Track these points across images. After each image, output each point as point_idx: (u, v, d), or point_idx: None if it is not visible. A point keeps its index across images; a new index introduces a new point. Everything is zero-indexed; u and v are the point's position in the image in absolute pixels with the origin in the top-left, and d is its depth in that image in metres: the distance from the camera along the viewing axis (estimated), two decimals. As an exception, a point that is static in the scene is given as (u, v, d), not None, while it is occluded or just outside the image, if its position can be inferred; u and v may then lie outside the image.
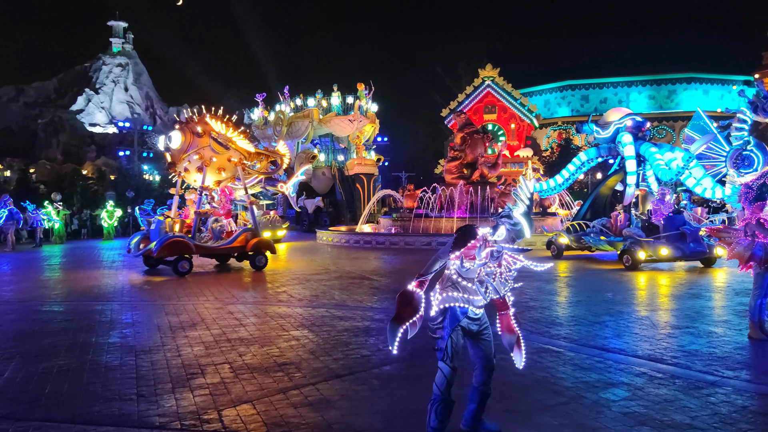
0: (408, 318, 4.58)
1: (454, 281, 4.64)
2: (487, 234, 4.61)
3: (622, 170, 21.21)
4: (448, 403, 4.65)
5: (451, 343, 4.64)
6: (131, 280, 15.67)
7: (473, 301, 4.65)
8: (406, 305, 4.61)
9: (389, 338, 4.58)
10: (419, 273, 4.66)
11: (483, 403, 4.91)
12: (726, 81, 56.97)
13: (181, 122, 17.67)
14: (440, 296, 4.64)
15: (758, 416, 5.44)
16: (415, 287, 4.63)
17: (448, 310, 4.63)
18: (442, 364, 4.67)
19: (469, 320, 4.71)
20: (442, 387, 4.64)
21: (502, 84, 49.83)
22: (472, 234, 4.56)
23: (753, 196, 8.14)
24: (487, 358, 4.87)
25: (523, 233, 4.65)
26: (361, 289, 13.54)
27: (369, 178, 42.46)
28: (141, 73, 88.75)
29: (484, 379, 4.87)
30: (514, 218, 4.62)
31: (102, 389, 6.41)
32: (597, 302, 11.41)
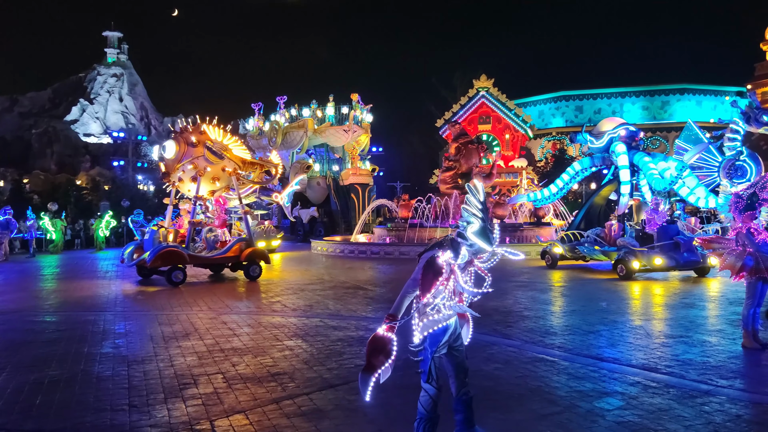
0: (380, 366, 4.39)
1: (437, 307, 4.55)
2: (450, 259, 4.44)
3: (615, 180, 21.28)
4: (435, 420, 4.61)
5: (434, 365, 4.58)
6: (124, 290, 15.60)
7: (452, 315, 4.62)
8: (377, 353, 4.40)
9: (361, 388, 4.41)
10: (389, 314, 4.47)
11: (470, 409, 4.85)
12: (719, 92, 57.45)
13: (176, 132, 17.65)
14: (421, 323, 4.50)
15: (752, 425, 5.43)
16: (386, 332, 4.43)
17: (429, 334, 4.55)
18: (427, 385, 4.59)
19: (449, 335, 4.64)
20: (428, 407, 4.58)
21: (497, 95, 50.06)
22: (437, 272, 4.40)
23: (743, 206, 8.17)
24: (461, 365, 4.80)
25: (483, 249, 4.44)
26: (356, 298, 13.51)
27: (364, 188, 42.49)
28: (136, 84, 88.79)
29: (461, 383, 4.80)
30: (468, 239, 4.39)
31: (94, 400, 6.36)
32: (591, 312, 11.41)
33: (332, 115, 42.85)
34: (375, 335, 4.45)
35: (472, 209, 4.38)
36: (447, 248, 4.47)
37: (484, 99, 50.07)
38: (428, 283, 4.41)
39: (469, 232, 4.37)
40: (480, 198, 4.40)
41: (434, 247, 4.55)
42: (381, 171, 53.44)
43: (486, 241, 4.38)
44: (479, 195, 4.40)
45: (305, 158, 42.33)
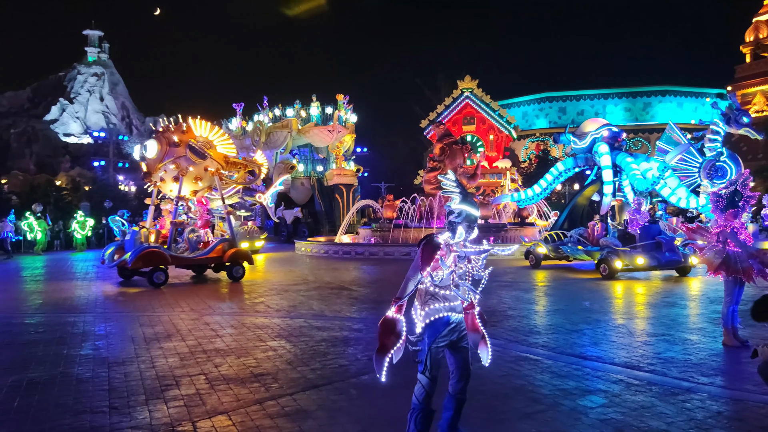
0: (392, 346, 4.56)
1: (433, 293, 4.62)
2: (448, 239, 4.60)
3: (598, 180, 21.45)
4: (428, 413, 4.62)
5: (430, 356, 4.62)
6: (105, 291, 15.43)
7: (455, 308, 4.66)
8: (389, 334, 4.58)
9: (376, 368, 4.56)
10: (396, 297, 4.62)
11: (459, 411, 4.87)
12: (700, 94, 58.10)
13: (158, 131, 17.50)
14: (422, 312, 4.62)
15: (732, 421, 5.48)
16: (395, 313, 4.59)
17: (430, 323, 4.62)
18: (421, 376, 4.65)
19: (450, 329, 4.68)
20: (421, 398, 4.62)
21: (481, 95, 50.17)
22: (435, 246, 4.57)
23: (724, 205, 8.25)
24: (465, 365, 4.84)
25: (472, 215, 4.60)
26: (340, 299, 13.47)
27: (348, 188, 42.39)
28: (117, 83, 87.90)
29: (461, 387, 4.83)
30: (455, 210, 4.60)
31: (73, 402, 6.27)
32: (574, 311, 11.46)
33: (318, 115, 42.73)
34: (385, 317, 4.59)
35: (448, 187, 4.64)
36: (445, 231, 4.67)
37: (469, 100, 50.15)
38: (428, 256, 4.56)
39: (454, 204, 4.59)
40: (452, 177, 4.67)
41: (432, 234, 4.74)
42: (365, 171, 53.43)
43: (471, 206, 4.60)
44: (450, 176, 4.68)
45: (289, 158, 42.19)
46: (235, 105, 45.33)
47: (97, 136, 75.83)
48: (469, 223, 4.62)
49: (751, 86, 59.92)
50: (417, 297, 4.72)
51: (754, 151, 44.71)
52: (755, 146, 43.00)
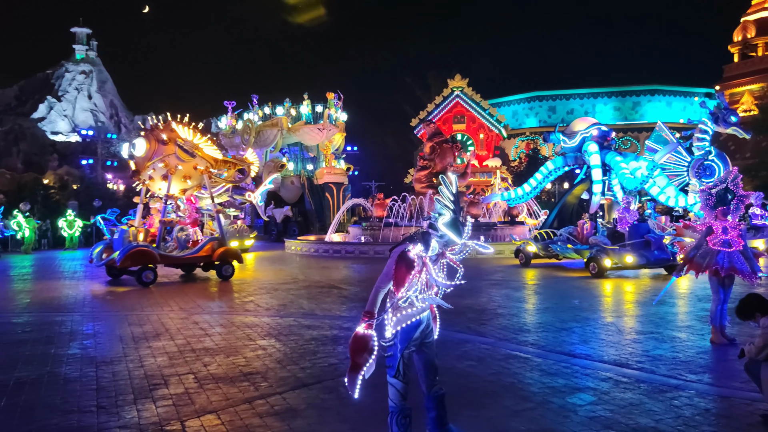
0: (364, 364, 4.43)
1: (409, 300, 4.54)
2: (421, 252, 4.46)
3: (588, 179, 21.55)
4: (407, 412, 4.59)
5: (402, 361, 4.57)
6: (93, 290, 15.32)
7: (425, 308, 4.62)
8: (360, 352, 4.44)
9: (349, 387, 4.45)
10: (366, 311, 4.49)
11: (443, 406, 4.82)
12: (688, 93, 58.48)
13: (146, 129, 17.39)
14: (394, 318, 4.51)
15: (720, 419, 5.51)
16: (365, 329, 4.45)
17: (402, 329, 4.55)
18: (394, 380, 4.58)
19: (420, 330, 4.63)
20: (397, 401, 4.58)
21: (471, 94, 50.30)
22: (409, 265, 4.42)
23: (713, 202, 8.30)
24: (430, 363, 4.79)
25: (453, 241, 4.48)
26: (330, 298, 13.45)
27: (338, 187, 42.34)
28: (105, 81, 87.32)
29: (431, 382, 4.78)
30: (439, 230, 4.42)
31: (61, 401, 6.22)
32: (564, 309, 11.50)
33: (308, 113, 42.63)
34: (356, 335, 4.46)
35: (445, 201, 4.43)
36: (418, 241, 4.48)
37: (459, 99, 50.28)
38: (402, 277, 4.41)
39: (440, 222, 4.41)
40: (452, 190, 4.45)
41: (405, 242, 4.55)
42: (356, 170, 53.37)
43: (456, 232, 4.42)
44: (452, 187, 4.45)
45: (279, 157, 42.10)
46: (227, 103, 45.18)
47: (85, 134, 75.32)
48: (446, 245, 4.49)
49: (739, 86, 60.38)
50: (388, 300, 4.61)
51: (742, 150, 45.03)
52: (743, 145, 43.33)
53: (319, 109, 42.96)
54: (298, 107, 42.80)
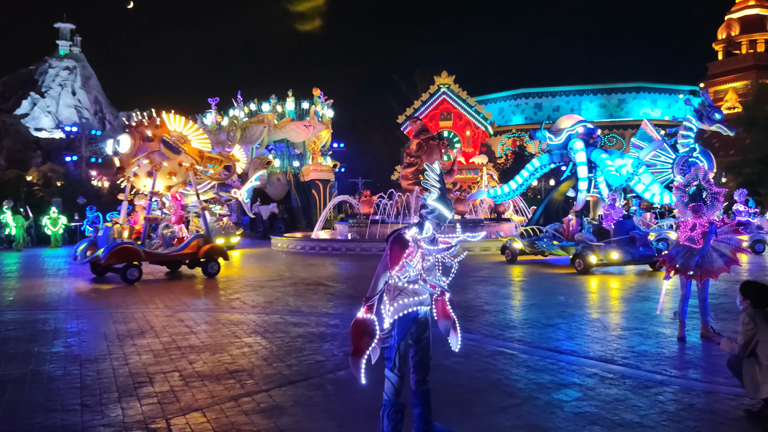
0: (366, 347, 4.49)
1: (401, 288, 4.61)
2: (416, 234, 4.59)
3: (573, 176, 21.64)
4: (400, 407, 4.61)
5: (399, 354, 4.59)
6: (77, 288, 15.18)
7: (423, 301, 4.65)
8: (362, 335, 4.51)
9: (354, 372, 4.50)
10: (366, 296, 4.57)
11: (428, 403, 4.83)
12: (673, 90, 58.96)
13: (131, 126, 17.24)
14: (391, 307, 4.59)
15: (704, 413, 5.56)
16: (365, 313, 4.53)
17: (398, 319, 4.59)
18: (389, 373, 4.61)
19: (418, 323, 4.67)
20: (390, 394, 4.61)
21: (458, 91, 50.34)
22: (404, 244, 4.54)
23: (686, 199, 8.37)
24: (423, 360, 4.81)
25: (444, 216, 4.61)
26: (317, 295, 13.42)
27: (325, 184, 42.26)
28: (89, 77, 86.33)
29: (420, 378, 4.80)
30: (429, 206, 4.60)
31: (44, 400, 6.16)
32: (550, 305, 11.56)
33: (292, 110, 42.47)
34: (356, 319, 4.53)
35: (431, 181, 4.62)
36: (413, 225, 4.65)
37: (445, 96, 50.31)
38: (396, 256, 4.52)
39: (430, 199, 4.59)
40: (437, 171, 4.66)
41: (399, 229, 4.69)
42: (342, 167, 53.25)
43: (446, 206, 4.59)
44: (436, 169, 4.67)
45: (265, 154, 41.85)
46: (210, 100, 44.87)
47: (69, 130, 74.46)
48: (438, 221, 4.62)
49: (723, 83, 61.01)
50: (386, 292, 4.68)
51: (725, 147, 45.49)
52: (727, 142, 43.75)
53: (305, 105, 42.82)
54: (284, 104, 42.62)
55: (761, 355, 5.29)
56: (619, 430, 5.13)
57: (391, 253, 4.55)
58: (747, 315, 5.43)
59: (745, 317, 5.42)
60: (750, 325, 5.34)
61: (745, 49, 62.45)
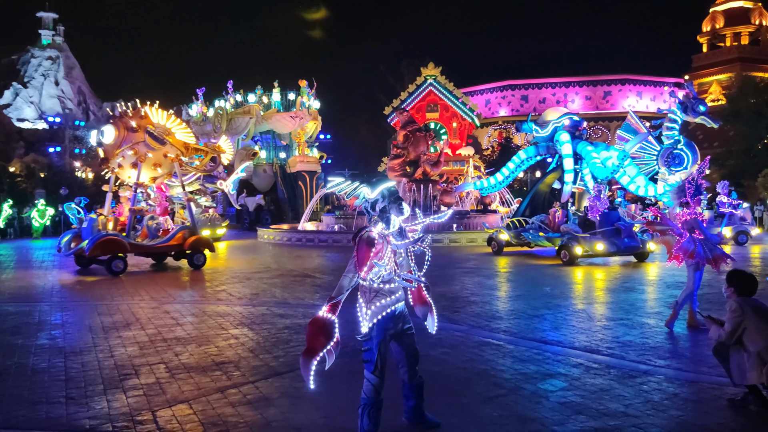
0: (321, 348, 4.34)
1: (377, 290, 4.53)
2: (383, 230, 4.47)
3: (559, 168, 21.71)
4: (379, 406, 4.60)
5: (379, 355, 4.55)
6: (62, 280, 15.05)
7: (399, 298, 4.63)
8: (317, 335, 4.37)
9: (303, 374, 4.36)
10: (330, 297, 4.47)
11: (421, 395, 4.89)
12: (658, 83, 59.22)
13: (115, 116, 17.07)
14: (369, 311, 4.50)
15: (688, 403, 5.62)
16: (327, 312, 4.42)
17: (377, 322, 4.53)
18: (370, 375, 4.57)
19: (396, 320, 4.64)
20: (370, 395, 4.58)
21: (444, 83, 50.25)
22: (370, 242, 4.43)
23: (693, 191, 8.42)
24: (412, 353, 4.82)
25: (390, 188, 4.55)
26: (303, 286, 13.40)
27: (312, 175, 42.12)
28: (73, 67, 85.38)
29: (413, 372, 4.83)
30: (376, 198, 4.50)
31: (28, 393, 6.11)
32: (536, 296, 11.62)
33: (278, 101, 42.24)
34: (315, 317, 4.44)
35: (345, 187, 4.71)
36: (378, 221, 4.50)
37: (432, 87, 50.21)
38: (363, 256, 4.41)
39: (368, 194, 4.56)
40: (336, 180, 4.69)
41: (365, 227, 4.59)
42: (329, 158, 53.12)
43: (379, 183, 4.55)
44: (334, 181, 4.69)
45: (251, 145, 41.66)
46: (197, 90, 44.55)
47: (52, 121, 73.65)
48: (396, 204, 4.47)
49: (708, 75, 61.42)
50: (360, 294, 4.59)
51: (710, 139, 45.87)
52: (711, 134, 44.10)
53: (292, 96, 42.60)
54: (270, 95, 42.39)
55: (747, 342, 5.34)
56: (605, 419, 5.17)
57: (359, 253, 4.41)
58: (735, 302, 5.48)
59: (733, 304, 5.47)
60: (737, 312, 5.39)
61: (730, 42, 62.87)
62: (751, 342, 5.32)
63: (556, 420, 5.17)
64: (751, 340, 5.32)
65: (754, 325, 5.34)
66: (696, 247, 8.22)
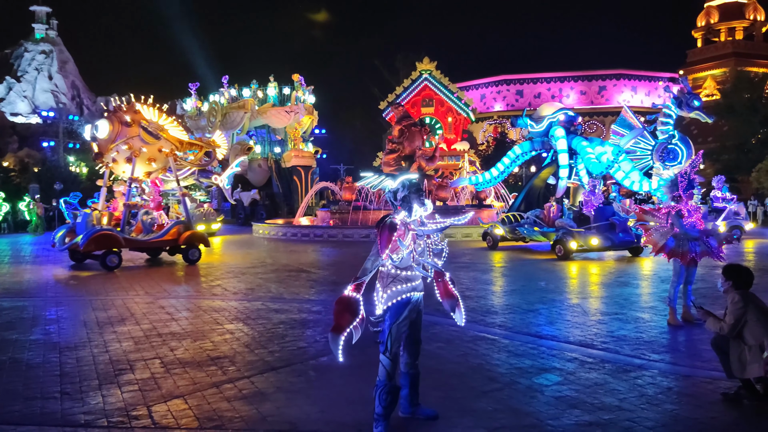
0: (347, 325, 4.56)
1: (395, 275, 4.65)
2: (405, 217, 4.62)
3: (554, 163, 21.73)
4: (392, 389, 4.68)
5: (391, 337, 4.65)
6: (56, 275, 15.01)
7: (417, 287, 4.71)
8: (343, 312, 4.59)
9: (333, 348, 4.57)
10: (355, 276, 4.65)
11: (415, 386, 4.93)
12: (653, 77, 59.33)
13: (109, 111, 16.99)
14: (384, 295, 4.64)
15: (682, 397, 5.65)
16: (352, 291, 4.60)
17: (391, 305, 4.64)
18: (382, 357, 4.70)
19: (411, 309, 4.73)
20: (383, 377, 4.69)
21: (439, 77, 50.17)
22: (392, 227, 4.57)
23: (686, 185, 8.45)
24: (417, 341, 4.92)
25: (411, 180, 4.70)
26: (299, 281, 13.39)
27: (307, 170, 42.03)
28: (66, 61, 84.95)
29: (410, 360, 4.90)
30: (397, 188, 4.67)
31: (23, 388, 6.09)
32: (531, 291, 11.65)
33: (274, 95, 42.11)
34: (341, 296, 4.61)
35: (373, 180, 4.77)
36: (402, 209, 4.67)
37: (427, 82, 50.11)
38: (386, 240, 4.56)
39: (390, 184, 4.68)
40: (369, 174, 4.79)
41: (389, 215, 4.72)
42: (324, 153, 53.02)
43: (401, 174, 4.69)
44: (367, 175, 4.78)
45: (246, 139, 41.54)
46: (191, 85, 44.35)
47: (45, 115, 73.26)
48: (417, 194, 4.63)
49: (702, 70, 61.52)
50: (378, 279, 4.72)
51: (704, 134, 45.95)
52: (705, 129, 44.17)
53: (287, 91, 42.48)
54: (265, 89, 42.26)
55: (748, 335, 5.36)
56: (599, 413, 5.19)
57: (381, 237, 4.58)
58: (737, 294, 5.48)
59: (736, 296, 5.47)
60: (740, 304, 5.40)
61: (724, 37, 62.97)
62: (752, 335, 5.34)
63: (551, 414, 5.19)
64: (752, 333, 5.34)
65: (756, 318, 5.36)
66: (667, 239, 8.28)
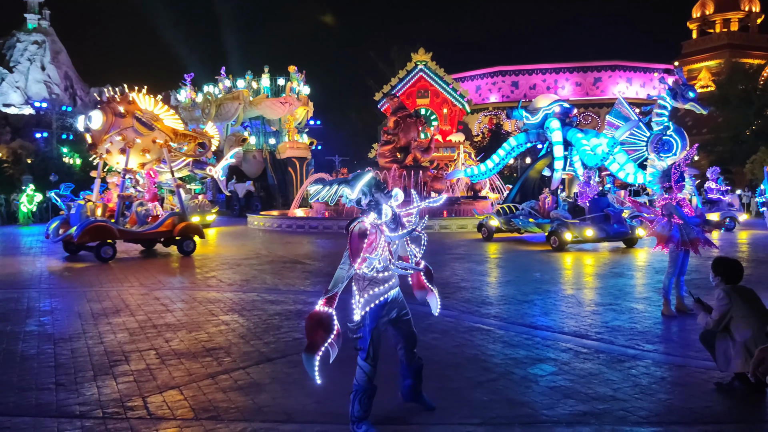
0: (322, 342, 4.31)
1: (371, 278, 4.47)
2: (375, 219, 4.39)
3: (549, 155, 21.74)
4: (371, 393, 4.59)
5: (372, 343, 4.54)
6: (50, 266, 14.96)
7: (393, 285, 4.60)
8: (316, 329, 4.33)
9: (308, 370, 4.33)
10: (326, 289, 4.43)
11: (419, 375, 4.95)
12: (648, 69, 59.35)
13: (103, 102, 16.90)
14: (362, 299, 4.47)
15: (676, 387, 5.67)
16: (323, 305, 4.38)
17: (370, 310, 4.51)
18: (362, 362, 4.55)
19: (389, 307, 4.63)
20: (362, 382, 4.56)
21: (435, 69, 50.12)
22: (363, 235, 4.34)
23: (678, 177, 8.46)
24: (410, 335, 4.86)
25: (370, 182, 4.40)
26: (294, 273, 13.39)
27: (301, 161, 41.97)
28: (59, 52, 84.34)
29: (412, 354, 4.88)
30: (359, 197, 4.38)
31: (17, 379, 6.08)
32: (526, 282, 11.67)
33: (267, 86, 41.96)
34: (312, 312, 4.40)
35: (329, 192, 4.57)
36: (370, 211, 4.42)
37: (423, 73, 50.07)
38: (356, 247, 4.34)
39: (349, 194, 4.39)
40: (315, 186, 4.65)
41: (357, 217, 4.50)
42: (319, 144, 52.92)
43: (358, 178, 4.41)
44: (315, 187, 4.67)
45: (241, 131, 41.42)
46: (186, 76, 44.13)
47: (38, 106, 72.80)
48: (381, 192, 4.40)
49: (697, 62, 61.56)
50: (354, 282, 4.55)
51: (699, 126, 46.06)
52: (700, 120, 44.29)
53: (281, 82, 42.33)
54: (259, 80, 42.10)
55: (734, 330, 5.39)
56: (593, 403, 5.21)
57: (351, 245, 4.34)
58: (722, 290, 5.51)
59: (721, 293, 5.50)
60: (725, 300, 5.43)
61: (719, 28, 62.96)
62: (738, 331, 5.36)
63: (546, 404, 5.21)
64: (738, 330, 5.36)
65: (741, 314, 5.37)
66: (671, 230, 8.29)
